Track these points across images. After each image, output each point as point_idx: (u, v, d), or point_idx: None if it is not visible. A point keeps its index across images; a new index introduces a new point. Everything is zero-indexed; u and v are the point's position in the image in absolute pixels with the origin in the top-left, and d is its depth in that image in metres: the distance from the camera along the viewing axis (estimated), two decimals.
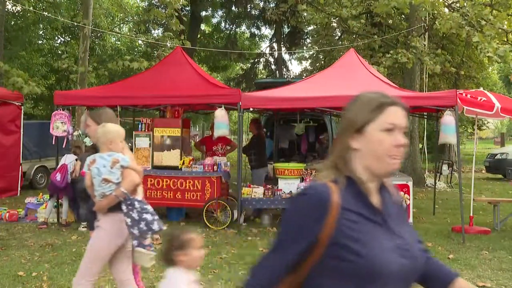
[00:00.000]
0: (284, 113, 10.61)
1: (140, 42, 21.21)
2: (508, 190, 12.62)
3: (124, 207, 3.20)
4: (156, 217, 3.25)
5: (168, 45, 11.66)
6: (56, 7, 19.35)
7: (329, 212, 1.30)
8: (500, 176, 16.07)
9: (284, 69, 23.09)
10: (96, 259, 3.27)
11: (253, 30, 23.37)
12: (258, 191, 7.44)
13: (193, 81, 7.99)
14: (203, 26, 23.86)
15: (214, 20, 24.10)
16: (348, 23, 12.53)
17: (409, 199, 7.47)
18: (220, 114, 7.28)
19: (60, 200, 7.68)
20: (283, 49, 22.09)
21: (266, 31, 24.67)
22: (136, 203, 3.22)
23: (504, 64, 20.49)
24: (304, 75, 19.29)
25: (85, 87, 11.21)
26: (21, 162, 11.05)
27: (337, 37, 18.64)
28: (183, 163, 7.69)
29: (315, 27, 18.19)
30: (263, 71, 23.67)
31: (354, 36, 15.82)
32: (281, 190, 7.47)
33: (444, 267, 1.56)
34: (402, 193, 7.43)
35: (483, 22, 9.27)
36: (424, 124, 15.73)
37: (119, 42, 23.13)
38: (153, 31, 19.62)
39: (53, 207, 7.66)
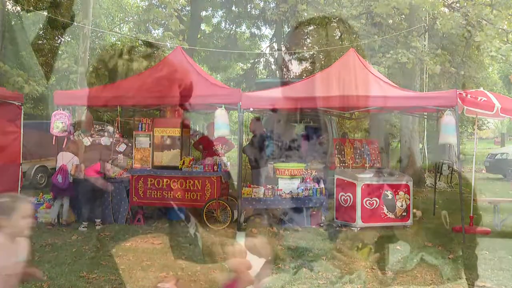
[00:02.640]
0: (284, 113, 10.59)
1: (140, 42, 21.19)
2: (508, 190, 12.61)
3: None
4: None
5: (168, 45, 11.66)
6: (56, 7, 19.32)
7: None
8: (500, 176, 16.08)
9: (284, 69, 23.06)
10: None
11: (253, 30, 23.39)
12: (258, 191, 7.45)
13: (193, 81, 7.98)
14: (203, 26, 23.84)
15: (214, 20, 24.15)
16: (348, 23, 12.52)
17: (409, 199, 7.47)
18: (220, 114, 7.28)
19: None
20: (283, 49, 22.07)
21: (266, 31, 24.68)
22: None
23: (504, 64, 20.47)
24: (304, 75, 19.25)
25: (85, 87, 11.21)
26: (21, 162, 11.04)
27: (337, 37, 18.61)
28: (183, 163, 7.69)
29: (315, 27, 18.16)
30: (263, 71, 23.65)
31: (354, 36, 15.80)
32: (281, 190, 7.48)
33: None
34: (402, 193, 7.44)
35: (484, 22, 9.27)
36: (424, 124, 15.71)
37: (119, 42, 23.12)
38: (153, 31, 19.61)
39: (59, 208, 7.62)
